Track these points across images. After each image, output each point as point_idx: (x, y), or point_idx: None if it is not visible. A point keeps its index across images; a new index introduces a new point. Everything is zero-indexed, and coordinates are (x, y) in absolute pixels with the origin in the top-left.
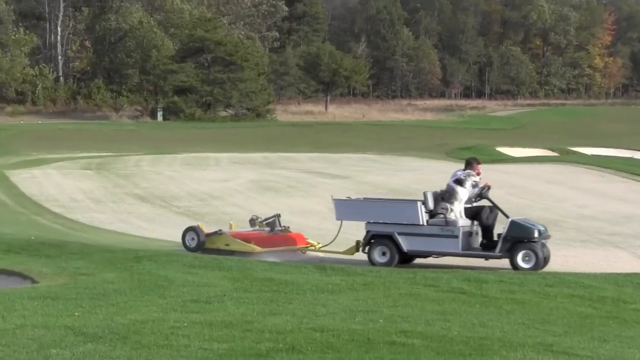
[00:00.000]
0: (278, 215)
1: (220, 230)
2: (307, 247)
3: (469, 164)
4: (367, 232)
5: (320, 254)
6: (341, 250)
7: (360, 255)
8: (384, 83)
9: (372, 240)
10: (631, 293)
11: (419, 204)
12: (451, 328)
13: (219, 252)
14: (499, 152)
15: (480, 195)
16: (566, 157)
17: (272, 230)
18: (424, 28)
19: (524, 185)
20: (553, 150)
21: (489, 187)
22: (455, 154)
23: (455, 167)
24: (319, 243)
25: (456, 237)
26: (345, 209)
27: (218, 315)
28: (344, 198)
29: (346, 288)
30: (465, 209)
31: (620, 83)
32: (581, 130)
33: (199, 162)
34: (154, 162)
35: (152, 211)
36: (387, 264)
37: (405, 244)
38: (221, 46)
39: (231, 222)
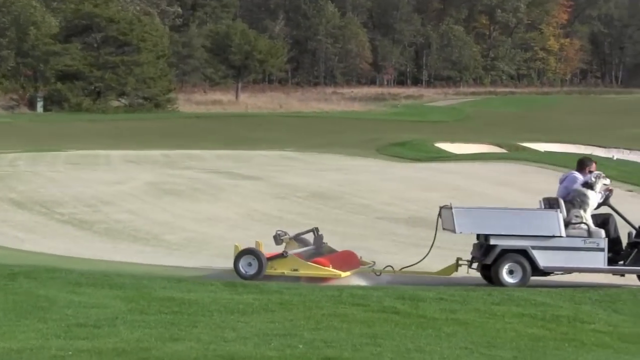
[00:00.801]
0: (316, 229)
1: (285, 252)
2: (369, 266)
3: (586, 165)
4: (493, 246)
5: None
6: (433, 270)
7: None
8: (305, 68)
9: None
10: (589, 311)
11: (558, 212)
12: (382, 354)
13: (279, 279)
14: (438, 148)
15: (604, 202)
16: (516, 154)
17: (318, 248)
18: (352, 4)
19: (468, 187)
20: (501, 147)
21: (611, 192)
22: (388, 151)
23: (388, 165)
24: (373, 262)
25: (602, 250)
26: (468, 219)
27: (109, 341)
28: (467, 207)
29: (260, 308)
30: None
31: (577, 68)
32: (533, 123)
33: (86, 161)
34: (32, 161)
35: (31, 219)
36: (520, 284)
37: (541, 259)
38: (113, 24)
39: (257, 241)
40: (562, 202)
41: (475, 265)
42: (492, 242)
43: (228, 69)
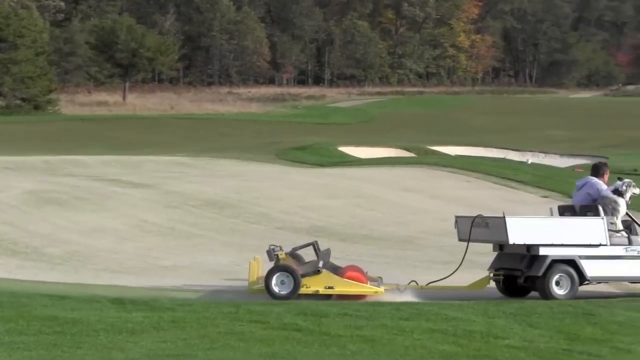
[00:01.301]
0: (316, 242)
1: (319, 267)
2: (376, 283)
3: (603, 171)
4: (543, 257)
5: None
6: (464, 284)
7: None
8: (198, 66)
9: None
10: (503, 326)
11: (604, 220)
12: None
13: (309, 298)
14: (341, 152)
15: None
16: (425, 159)
17: (326, 263)
18: None
19: (374, 194)
20: (409, 150)
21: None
22: (288, 155)
23: (288, 171)
24: (380, 278)
25: None
26: (521, 229)
27: None
28: (520, 216)
29: (150, 327)
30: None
31: (490, 66)
32: (443, 125)
33: None
34: None
35: None
36: (570, 296)
37: (588, 269)
38: None
39: (256, 256)
40: (601, 209)
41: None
42: (542, 252)
43: (114, 68)
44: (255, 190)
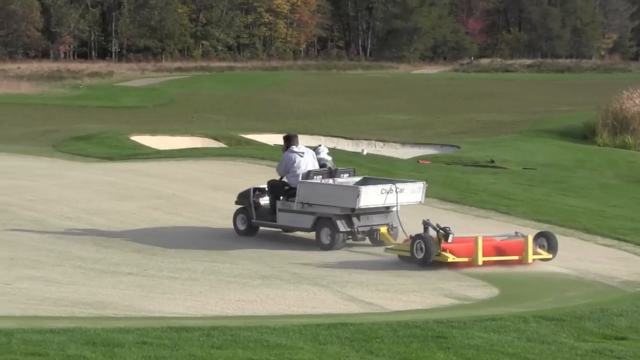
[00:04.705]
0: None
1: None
2: None
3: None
4: None
5: None
6: None
7: None
8: None
9: None
10: (337, 354)
11: None
12: None
13: None
14: (134, 142)
15: None
16: (238, 150)
17: None
18: None
19: (176, 194)
20: (218, 140)
21: None
22: (69, 147)
23: (68, 166)
24: None
25: None
26: None
27: None
28: None
29: None
30: None
31: (315, 36)
32: (259, 109)
33: None
34: None
35: None
36: None
37: None
38: None
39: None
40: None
41: None
42: None
43: None
44: (27, 191)
